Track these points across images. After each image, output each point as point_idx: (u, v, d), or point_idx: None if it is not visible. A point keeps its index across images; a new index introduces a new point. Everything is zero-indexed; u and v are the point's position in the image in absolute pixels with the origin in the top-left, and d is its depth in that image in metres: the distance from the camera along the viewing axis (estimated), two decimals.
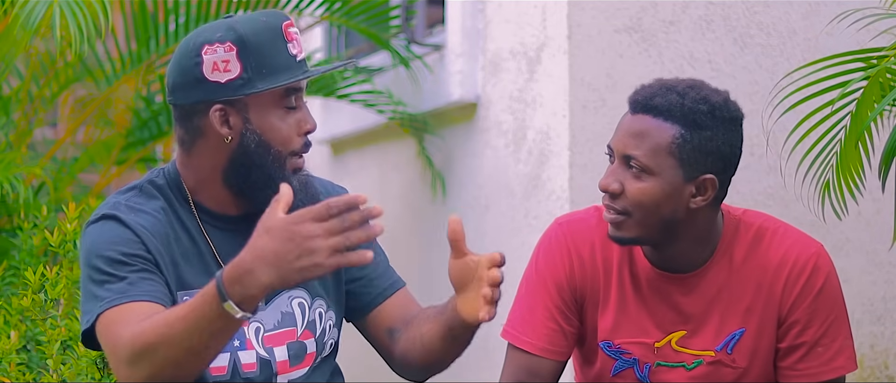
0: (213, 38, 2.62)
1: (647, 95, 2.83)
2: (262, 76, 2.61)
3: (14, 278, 3.74)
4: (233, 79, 2.61)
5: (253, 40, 2.61)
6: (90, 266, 2.59)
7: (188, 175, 2.69)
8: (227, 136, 2.63)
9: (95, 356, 3.17)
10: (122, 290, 2.54)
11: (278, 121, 2.64)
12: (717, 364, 2.94)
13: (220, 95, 2.61)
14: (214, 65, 2.60)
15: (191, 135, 2.66)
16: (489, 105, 4.82)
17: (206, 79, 2.61)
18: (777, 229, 2.94)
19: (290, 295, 2.73)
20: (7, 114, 4.97)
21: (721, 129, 2.82)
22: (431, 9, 5.37)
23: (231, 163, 2.65)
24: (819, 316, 2.91)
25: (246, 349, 2.67)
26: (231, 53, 2.60)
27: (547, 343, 2.96)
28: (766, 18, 4.45)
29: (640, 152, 2.80)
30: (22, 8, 3.89)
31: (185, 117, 2.65)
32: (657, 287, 2.93)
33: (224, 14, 5.09)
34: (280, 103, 2.64)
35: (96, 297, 2.55)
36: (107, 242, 2.60)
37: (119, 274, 2.55)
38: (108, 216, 2.63)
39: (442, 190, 5.13)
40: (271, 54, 2.62)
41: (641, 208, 2.81)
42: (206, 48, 2.61)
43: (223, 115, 2.62)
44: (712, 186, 2.83)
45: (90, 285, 2.58)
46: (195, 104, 2.63)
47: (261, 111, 2.63)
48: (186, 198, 2.69)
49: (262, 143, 2.63)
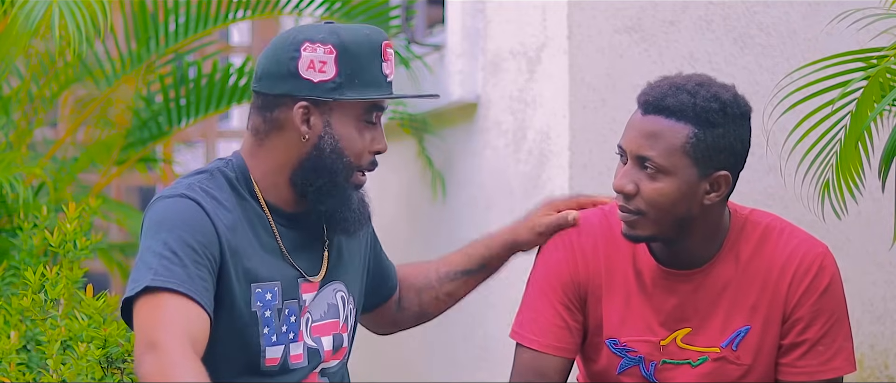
0: (315, 37, 2.66)
1: (658, 96, 2.83)
2: (353, 85, 2.65)
3: (14, 278, 3.74)
4: (326, 80, 2.64)
5: (353, 49, 2.66)
6: (157, 238, 2.58)
7: (255, 166, 2.71)
8: (305, 135, 2.66)
9: (98, 355, 3.17)
10: (182, 278, 2.54)
11: (356, 133, 2.69)
12: (722, 361, 2.95)
13: (308, 93, 2.65)
14: (311, 63, 2.64)
15: (268, 125, 2.69)
16: (489, 105, 4.83)
17: (299, 74, 2.64)
18: (784, 229, 2.96)
19: (334, 287, 2.76)
20: (7, 114, 4.97)
21: (732, 126, 2.84)
22: (431, 9, 5.37)
23: (302, 163, 2.68)
24: (822, 316, 2.93)
25: (297, 340, 2.70)
26: (330, 56, 2.64)
27: (554, 340, 2.98)
28: (766, 18, 4.45)
29: (655, 153, 2.81)
30: (21, 8, 3.89)
31: (266, 107, 2.68)
32: (662, 284, 2.95)
33: (224, 15, 5.11)
34: (362, 116, 2.69)
35: (151, 269, 2.54)
36: (183, 222, 2.60)
37: (184, 259, 2.56)
38: (188, 197, 2.64)
39: (442, 190, 5.13)
40: (367, 68, 2.66)
41: (657, 207, 2.83)
42: (306, 45, 2.65)
43: (306, 114, 2.66)
44: (726, 182, 2.86)
45: (149, 256, 2.57)
46: (281, 96, 2.66)
47: (343, 119, 2.67)
48: (251, 191, 2.71)
49: (337, 150, 2.67)
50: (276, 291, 2.67)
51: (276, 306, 2.67)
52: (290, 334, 2.70)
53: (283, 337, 2.68)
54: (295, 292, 2.70)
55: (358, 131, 2.69)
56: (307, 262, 2.74)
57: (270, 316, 2.66)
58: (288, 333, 2.69)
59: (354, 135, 2.68)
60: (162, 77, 5.30)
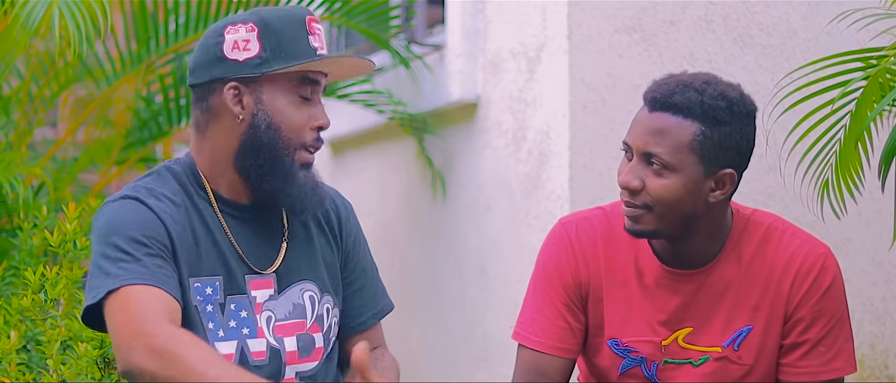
0: (236, 19, 2.68)
1: (665, 93, 2.84)
2: (279, 58, 2.66)
3: (14, 278, 3.74)
4: (251, 57, 2.65)
5: (275, 24, 2.66)
6: (106, 242, 2.59)
7: (202, 160, 2.71)
8: (239, 116, 2.67)
9: (96, 355, 3.18)
10: (139, 272, 2.54)
11: (291, 108, 2.68)
12: (723, 360, 2.95)
13: (236, 73, 2.66)
14: (235, 43, 2.66)
15: (205, 115, 2.70)
16: (489, 105, 4.82)
17: (225, 57, 2.66)
18: (786, 229, 2.97)
19: (302, 287, 2.75)
20: (7, 114, 4.97)
21: (739, 124, 2.85)
22: (431, 9, 5.37)
23: (242, 146, 2.68)
24: (824, 316, 2.93)
25: (257, 337, 2.69)
26: (252, 33, 2.65)
27: (556, 341, 2.98)
28: (766, 18, 4.45)
29: (662, 150, 2.82)
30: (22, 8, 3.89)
31: (201, 98, 2.70)
32: (665, 283, 2.95)
33: (224, 14, 5.11)
34: (295, 90, 2.68)
35: (108, 274, 2.55)
36: (127, 222, 2.61)
37: (136, 254, 2.57)
38: (131, 197, 2.65)
39: (442, 190, 5.13)
40: (292, 40, 2.67)
41: (662, 203, 2.83)
42: (228, 28, 2.67)
43: (237, 94, 2.66)
44: (731, 180, 2.87)
45: (103, 261, 2.58)
46: (211, 82, 2.67)
47: (274, 94, 2.67)
48: (202, 186, 2.71)
49: (273, 126, 2.66)
50: (217, 286, 2.66)
51: (217, 301, 2.65)
52: (245, 329, 2.67)
53: (233, 333, 2.65)
54: (241, 287, 2.69)
55: (293, 106, 2.67)
56: (259, 256, 2.72)
57: (213, 312, 2.65)
58: (239, 329, 2.67)
59: (289, 109, 2.67)
60: (162, 77, 5.30)
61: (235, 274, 2.68)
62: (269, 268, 2.72)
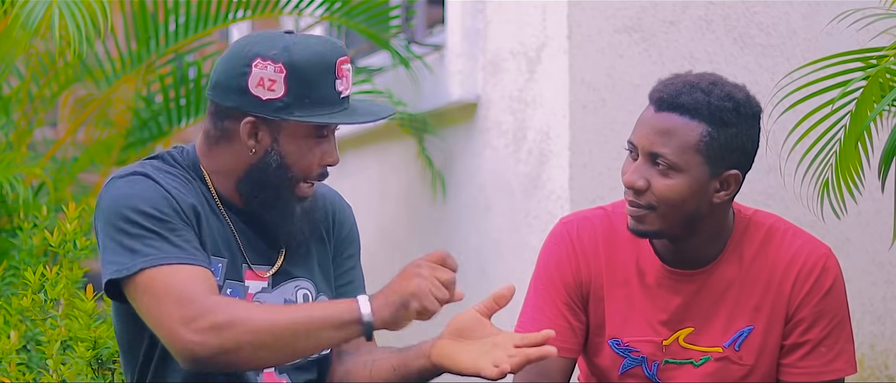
0: (267, 53, 2.62)
1: (672, 93, 2.84)
2: (303, 106, 2.62)
3: (14, 278, 3.74)
4: (274, 99, 2.62)
5: (304, 69, 2.62)
6: (122, 217, 2.57)
7: (207, 164, 2.72)
8: (252, 149, 2.65)
9: (89, 357, 3.17)
10: (172, 252, 2.54)
11: (305, 150, 2.67)
12: (724, 360, 2.95)
13: (256, 110, 2.62)
14: (260, 80, 2.61)
15: (217, 132, 2.68)
16: (489, 105, 4.83)
17: (248, 90, 2.62)
18: (787, 230, 2.97)
19: (297, 284, 2.75)
20: (7, 114, 4.97)
21: (745, 126, 2.85)
22: (431, 9, 5.37)
23: (248, 174, 2.68)
24: (825, 317, 2.93)
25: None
26: (280, 75, 2.61)
27: (557, 340, 2.98)
28: (766, 18, 4.45)
29: (668, 150, 2.81)
30: (22, 8, 3.89)
31: (217, 115, 2.67)
32: (666, 283, 2.95)
33: (224, 14, 5.11)
34: (312, 133, 2.66)
35: (134, 251, 2.54)
36: (141, 197, 2.59)
37: (161, 231, 2.56)
38: (140, 173, 2.64)
39: (442, 190, 5.13)
40: (318, 87, 2.63)
41: (667, 204, 2.83)
42: (257, 61, 2.62)
43: (253, 129, 2.64)
44: (736, 181, 2.87)
45: (123, 237, 2.55)
46: (230, 108, 2.65)
47: (292, 136, 2.65)
48: (204, 181, 2.71)
49: (283, 166, 2.66)
50: (220, 267, 2.67)
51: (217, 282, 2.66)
52: None
53: None
54: (239, 275, 2.69)
55: (307, 148, 2.67)
56: (259, 255, 2.73)
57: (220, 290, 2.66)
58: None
59: (303, 151, 2.66)
60: (162, 77, 5.30)
61: (237, 261, 2.69)
62: (269, 269, 2.73)
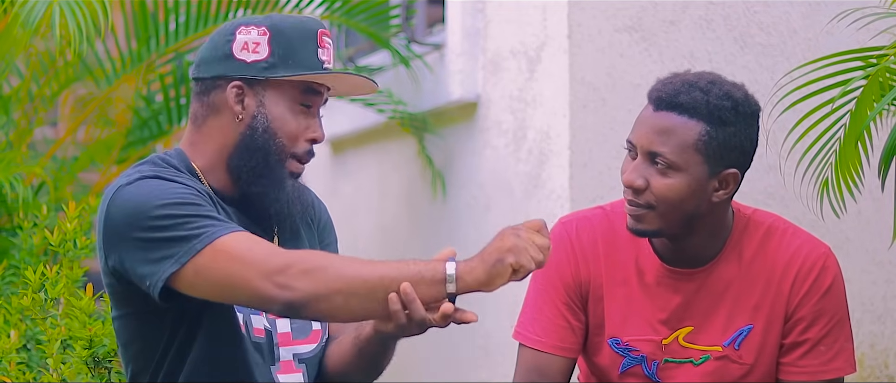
0: (250, 22, 2.71)
1: (671, 92, 2.84)
2: (286, 66, 2.68)
3: (14, 278, 3.74)
4: (258, 60, 2.68)
5: (287, 32, 2.69)
6: (152, 217, 2.55)
7: (195, 155, 2.73)
8: (239, 115, 2.69)
9: (86, 356, 3.18)
10: (223, 223, 2.54)
11: (289, 115, 2.71)
12: (724, 359, 2.96)
13: (241, 73, 2.68)
14: (245, 44, 2.69)
15: (205, 109, 2.72)
16: (489, 104, 4.83)
17: (233, 56, 2.69)
18: (787, 229, 2.97)
19: None
20: (7, 114, 4.97)
21: (743, 125, 2.85)
22: (431, 8, 5.37)
23: (237, 145, 2.70)
24: (824, 316, 2.94)
25: (258, 313, 2.70)
26: (263, 37, 2.68)
27: (557, 340, 2.99)
28: (766, 18, 4.45)
29: (667, 149, 2.82)
30: (22, 7, 3.89)
31: (203, 92, 2.72)
32: (666, 282, 2.95)
33: (224, 14, 5.12)
34: (297, 99, 2.71)
35: (184, 238, 2.52)
36: (162, 193, 2.59)
37: (199, 213, 2.56)
38: (147, 176, 2.64)
39: (442, 189, 5.13)
40: (301, 50, 2.69)
41: (666, 203, 2.84)
42: (241, 28, 2.70)
43: (240, 94, 2.69)
44: (735, 180, 2.88)
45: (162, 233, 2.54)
46: (216, 78, 2.70)
47: (277, 100, 2.70)
48: (196, 176, 2.72)
49: (269, 130, 2.69)
50: None
51: None
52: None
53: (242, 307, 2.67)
54: None
55: (292, 113, 2.70)
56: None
57: None
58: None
59: (288, 116, 2.70)
60: (162, 76, 5.30)
61: None
62: None
